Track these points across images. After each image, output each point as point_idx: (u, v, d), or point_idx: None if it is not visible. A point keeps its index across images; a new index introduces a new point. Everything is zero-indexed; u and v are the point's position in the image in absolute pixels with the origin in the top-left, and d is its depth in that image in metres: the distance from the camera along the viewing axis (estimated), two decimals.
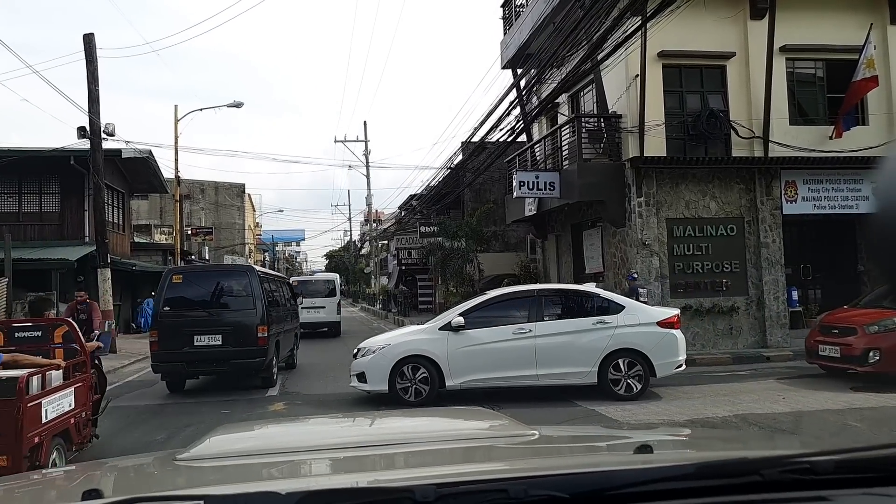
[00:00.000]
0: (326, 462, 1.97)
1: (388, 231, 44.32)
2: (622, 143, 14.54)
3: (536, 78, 16.72)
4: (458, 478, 1.38)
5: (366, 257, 69.94)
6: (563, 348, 9.21)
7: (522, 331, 9.26)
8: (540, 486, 1.23)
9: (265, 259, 74.76)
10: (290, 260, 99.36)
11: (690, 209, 14.49)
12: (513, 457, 1.99)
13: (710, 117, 14.31)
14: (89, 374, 6.77)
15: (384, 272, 50.33)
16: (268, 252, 76.34)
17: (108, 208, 24.07)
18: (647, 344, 9.33)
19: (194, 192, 51.50)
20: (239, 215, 56.84)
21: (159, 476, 2.03)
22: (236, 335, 10.89)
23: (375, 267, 51.96)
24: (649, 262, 14.16)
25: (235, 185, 57.50)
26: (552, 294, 10.04)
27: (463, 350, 9.18)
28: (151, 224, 38.28)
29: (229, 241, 53.23)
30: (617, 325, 9.36)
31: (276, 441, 2.34)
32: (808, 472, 1.26)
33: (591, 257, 16.41)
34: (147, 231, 36.48)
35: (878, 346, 9.79)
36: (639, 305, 9.95)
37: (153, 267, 26.23)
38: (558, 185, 14.98)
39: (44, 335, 6.93)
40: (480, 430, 2.35)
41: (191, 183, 47.43)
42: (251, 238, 60.89)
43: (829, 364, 10.60)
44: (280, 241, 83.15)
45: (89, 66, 17.64)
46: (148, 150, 23.65)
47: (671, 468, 1.35)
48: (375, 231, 51.10)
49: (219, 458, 2.01)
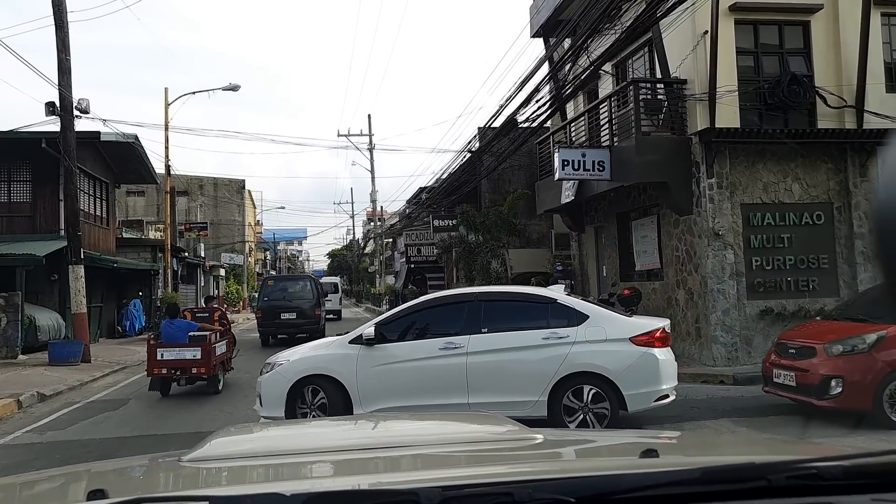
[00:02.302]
0: (331, 464, 1.94)
1: (394, 228, 41.93)
2: (687, 114, 12.14)
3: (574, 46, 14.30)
4: (462, 481, 1.39)
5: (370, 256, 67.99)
6: (502, 370, 7.14)
7: (452, 346, 7.21)
8: (545, 489, 1.23)
9: (266, 258, 72.62)
10: (292, 259, 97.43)
11: (769, 193, 12.08)
12: (518, 460, 1.95)
13: (791, 83, 11.89)
14: (231, 337, 12.40)
15: (390, 271, 48.32)
16: (269, 251, 74.14)
17: (90, 199, 21.74)
18: (613, 367, 7.02)
19: (193, 189, 49.34)
20: (239, 212, 54.66)
21: (164, 477, 2.03)
22: (304, 313, 19.25)
23: (381, 266, 49.97)
24: (722, 256, 11.75)
25: (235, 181, 55.45)
26: (496, 299, 7.73)
27: (377, 370, 7.30)
28: (144, 220, 35.90)
29: (229, 238, 51.02)
30: (574, 340, 7.11)
31: (281, 443, 2.30)
32: (816, 477, 1.25)
33: (642, 251, 14.02)
34: (139, 226, 34.08)
35: (841, 372, 7.15)
36: (608, 315, 7.49)
37: (140, 264, 23.85)
38: (608, 165, 12.59)
39: (210, 316, 12.42)
40: (485, 434, 2.29)
41: (189, 179, 45.29)
42: (251, 236, 58.57)
43: (784, 394, 7.90)
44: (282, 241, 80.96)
45: (59, 32, 15.28)
46: (133, 135, 21.26)
47: (677, 472, 1.32)
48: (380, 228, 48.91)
49: (224, 460, 1.98)
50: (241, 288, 47.16)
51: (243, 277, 48.76)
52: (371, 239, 59.22)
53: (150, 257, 25.49)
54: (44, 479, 2.18)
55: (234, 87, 25.65)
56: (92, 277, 20.05)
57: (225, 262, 44.93)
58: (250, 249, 57.27)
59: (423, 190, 32.90)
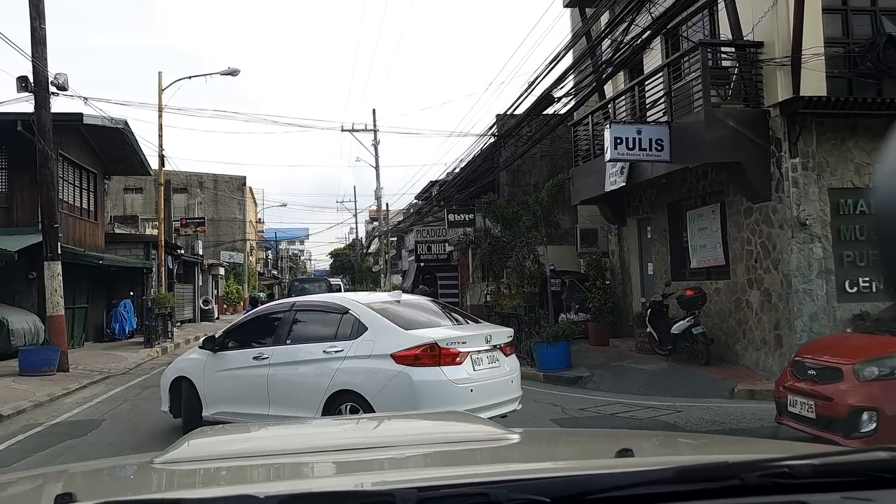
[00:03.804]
0: (306, 465, 1.92)
1: (401, 226, 40.06)
2: (763, 83, 10.30)
3: (623, 11, 12.45)
4: (439, 481, 1.38)
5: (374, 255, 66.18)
6: (291, 383, 6.96)
7: (261, 357, 7.20)
8: (520, 489, 1.23)
9: (267, 257, 70.81)
10: (294, 259, 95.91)
11: (862, 176, 10.24)
12: (494, 460, 1.94)
13: (887, 45, 10.06)
14: None
15: (395, 270, 46.55)
16: (270, 250, 72.39)
17: (76, 190, 19.94)
18: (369, 386, 6.31)
19: (192, 186, 47.64)
20: (239, 210, 52.95)
21: (136, 479, 1.99)
22: None
23: (386, 265, 48.24)
24: (808, 250, 9.92)
25: (236, 178, 53.77)
26: (308, 309, 7.51)
27: (215, 375, 7.60)
28: (138, 215, 34.02)
29: (230, 236, 49.25)
30: (346, 355, 6.53)
31: (256, 444, 2.29)
32: (787, 476, 1.27)
33: (700, 246, 12.18)
34: (134, 222, 32.18)
35: (876, 403, 5.46)
36: (384, 327, 6.57)
37: (130, 262, 22.02)
38: (668, 145, 10.76)
39: None
40: (462, 434, 2.25)
41: (188, 175, 43.56)
42: (253, 234, 56.78)
43: (800, 428, 6.13)
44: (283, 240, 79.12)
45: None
46: (122, 120, 19.43)
47: (652, 472, 1.32)
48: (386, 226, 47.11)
49: (197, 462, 1.93)
50: (241, 288, 45.33)
51: (244, 277, 46.90)
52: (376, 237, 57.37)
53: (144, 254, 23.63)
54: (10, 482, 2.07)
55: (234, 71, 23.79)
56: (78, 276, 18.30)
57: (225, 260, 43.09)
58: (251, 248, 55.53)
59: (433, 184, 31.06)
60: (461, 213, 22.53)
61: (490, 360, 6.66)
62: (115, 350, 17.79)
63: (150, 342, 18.30)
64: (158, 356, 17.32)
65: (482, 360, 6.57)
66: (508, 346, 7.05)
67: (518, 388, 7.02)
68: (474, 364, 6.46)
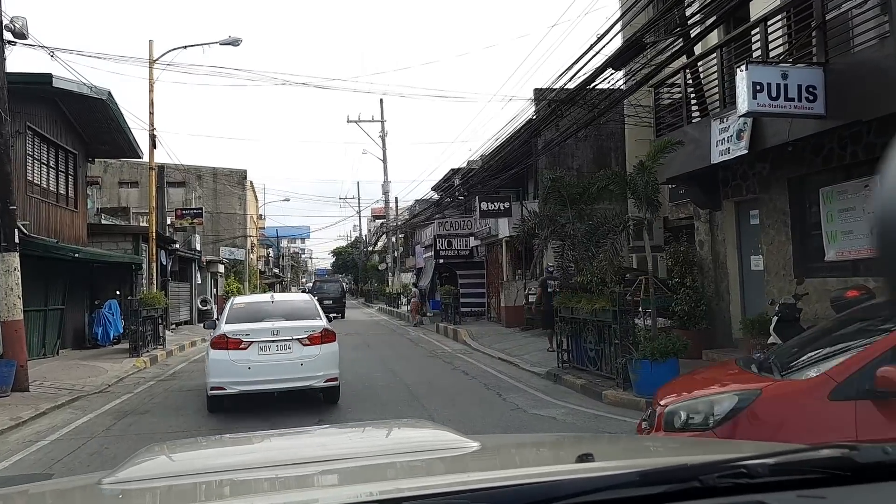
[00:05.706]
0: (262, 481, 1.83)
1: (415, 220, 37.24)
2: None
3: None
4: (398, 493, 1.32)
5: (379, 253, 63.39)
6: None
7: None
8: (482, 499, 1.22)
9: (269, 255, 68.01)
10: (295, 257, 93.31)
11: None
12: (455, 469, 1.89)
13: None
14: None
15: (404, 268, 43.85)
16: (272, 248, 69.63)
17: (50, 172, 17.12)
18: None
19: (190, 179, 44.89)
20: (240, 205, 50.20)
21: (81, 501, 1.88)
22: (335, 300, 34.74)
23: (395, 262, 45.53)
24: None
25: (236, 172, 51.10)
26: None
27: None
28: (130, 208, 31.22)
29: (230, 232, 46.48)
30: None
31: (209, 461, 2.19)
32: (744, 476, 1.25)
33: (843, 232, 9.38)
34: (125, 215, 29.29)
35: None
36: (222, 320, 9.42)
37: (115, 256, 19.14)
38: (822, 93, 7.98)
39: None
40: (421, 443, 2.21)
41: (186, 168, 40.81)
42: (254, 230, 53.99)
43: None
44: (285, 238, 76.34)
45: None
46: (106, 90, 16.58)
47: (615, 476, 1.28)
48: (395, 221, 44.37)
49: (146, 481, 1.84)
50: (242, 286, 42.48)
51: (245, 275, 44.06)
52: (384, 234, 54.56)
53: (133, 248, 20.77)
54: None
55: (235, 40, 20.95)
56: (53, 272, 15.52)
57: (224, 256, 40.26)
58: (252, 245, 52.77)
59: (455, 172, 28.29)
60: (495, 201, 19.73)
61: (280, 348, 8.66)
62: (94, 360, 14.96)
63: (136, 350, 15.45)
64: (146, 367, 14.52)
65: (269, 348, 8.64)
66: (317, 336, 8.76)
67: (316, 369, 8.63)
68: (260, 350, 8.58)
